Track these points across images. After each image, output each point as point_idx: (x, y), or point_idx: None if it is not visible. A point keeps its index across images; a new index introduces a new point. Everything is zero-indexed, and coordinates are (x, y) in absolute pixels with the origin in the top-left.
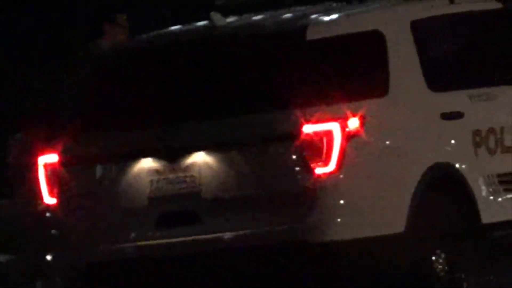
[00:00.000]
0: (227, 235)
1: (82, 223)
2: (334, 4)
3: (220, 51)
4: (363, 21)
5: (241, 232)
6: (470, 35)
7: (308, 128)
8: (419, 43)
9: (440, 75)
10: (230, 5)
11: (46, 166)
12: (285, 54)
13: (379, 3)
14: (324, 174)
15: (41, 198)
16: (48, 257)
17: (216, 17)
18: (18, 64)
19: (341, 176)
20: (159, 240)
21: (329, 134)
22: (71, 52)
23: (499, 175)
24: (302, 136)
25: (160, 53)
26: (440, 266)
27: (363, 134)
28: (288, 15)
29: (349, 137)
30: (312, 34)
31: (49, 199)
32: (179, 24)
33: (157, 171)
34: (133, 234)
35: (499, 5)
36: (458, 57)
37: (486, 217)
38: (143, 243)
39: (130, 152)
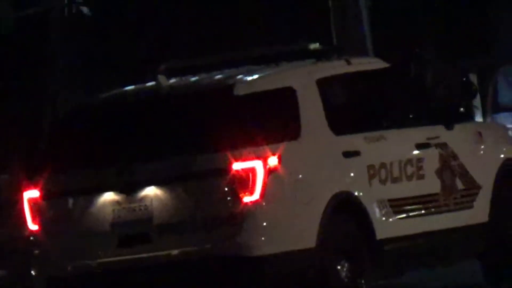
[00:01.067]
0: (174, 251)
1: (58, 244)
2: (255, 67)
3: (165, 105)
4: (279, 79)
5: (184, 249)
6: (364, 89)
7: (236, 165)
8: (324, 96)
9: (341, 121)
10: (172, 69)
11: (29, 199)
12: (217, 106)
13: (292, 64)
14: (250, 201)
15: (25, 224)
16: (32, 271)
17: (162, 79)
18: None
19: (264, 203)
20: (119, 257)
21: (253, 170)
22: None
23: (389, 200)
24: (232, 172)
25: (117, 107)
26: (344, 274)
27: (280, 169)
28: (218, 76)
29: (269, 172)
30: (238, 91)
31: (32, 226)
32: (132, 84)
33: (118, 202)
34: (99, 253)
35: (385, 64)
36: (355, 107)
37: (380, 234)
38: (107, 259)
39: (95, 187)
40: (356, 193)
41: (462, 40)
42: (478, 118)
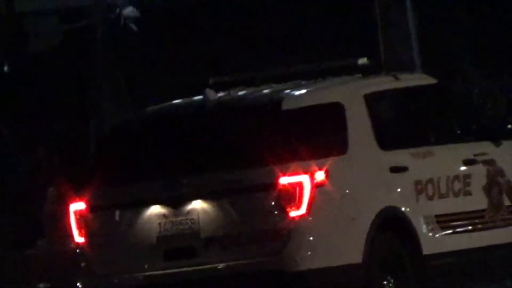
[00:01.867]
0: (220, 265)
1: (104, 257)
2: (303, 82)
3: (213, 120)
4: (327, 94)
5: (231, 263)
6: (411, 105)
7: (284, 180)
8: (371, 112)
9: (388, 137)
10: (220, 83)
11: (75, 212)
12: (265, 121)
13: (339, 79)
14: (297, 216)
15: (72, 237)
16: (78, 285)
17: (210, 92)
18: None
19: (310, 218)
20: (166, 271)
21: (300, 184)
22: None
23: (436, 216)
24: (279, 186)
25: (164, 121)
26: None
27: (327, 184)
28: (267, 90)
29: (316, 186)
30: (286, 105)
31: (78, 238)
32: (181, 98)
33: (164, 215)
34: (145, 265)
35: (433, 81)
36: (402, 122)
37: (426, 249)
38: (153, 273)
39: (142, 200)
40: (403, 209)
41: (506, 58)
42: None
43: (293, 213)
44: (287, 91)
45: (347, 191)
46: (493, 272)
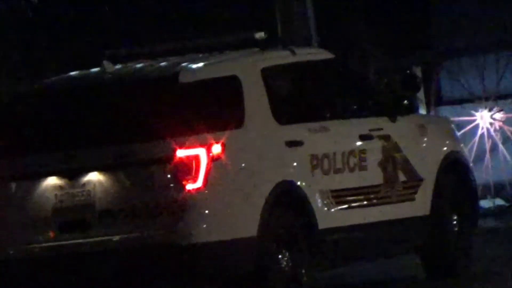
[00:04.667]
0: (115, 238)
1: (4, 231)
2: (200, 55)
3: (110, 92)
4: (223, 68)
5: (125, 236)
6: (308, 80)
7: (180, 153)
8: (268, 86)
9: (285, 111)
10: (117, 55)
11: None
12: (162, 94)
13: (236, 53)
14: (193, 189)
15: None
16: None
17: (107, 65)
18: None
19: (207, 191)
20: (61, 242)
21: (197, 157)
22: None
23: (332, 191)
24: (176, 159)
25: (61, 92)
26: (284, 263)
27: (223, 158)
28: (164, 63)
29: (213, 160)
30: (183, 78)
31: None
32: (77, 69)
33: (60, 187)
34: (40, 237)
35: (330, 55)
36: (299, 97)
37: (321, 224)
38: (48, 244)
39: (38, 172)
40: (298, 183)
41: (403, 37)
42: (422, 111)
43: (189, 186)
44: (184, 64)
45: (243, 164)
46: (388, 247)
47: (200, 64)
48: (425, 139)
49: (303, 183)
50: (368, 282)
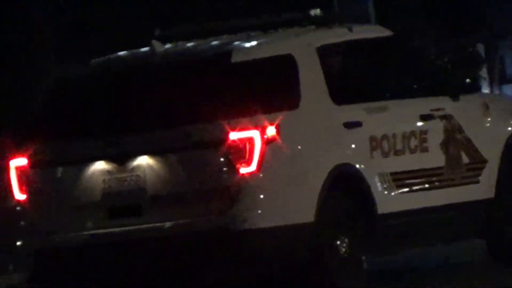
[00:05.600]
0: (167, 224)
1: (47, 215)
2: (253, 33)
3: (159, 72)
4: (278, 46)
5: (178, 222)
6: (366, 58)
7: (233, 135)
8: (324, 65)
9: (342, 91)
10: (167, 35)
11: (16, 168)
12: (214, 74)
13: (291, 31)
14: (247, 173)
15: (12, 195)
16: (19, 243)
17: (156, 44)
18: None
19: (261, 175)
20: (110, 229)
21: (251, 140)
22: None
23: (392, 173)
24: (229, 142)
25: (109, 74)
26: (343, 249)
27: (278, 140)
28: (215, 42)
29: (267, 142)
30: (235, 58)
31: (19, 196)
32: (127, 49)
33: (109, 172)
34: (89, 224)
35: (389, 33)
36: (357, 76)
37: (381, 209)
38: (97, 231)
39: (86, 156)
40: (357, 166)
41: (464, 16)
42: (485, 90)
43: (242, 170)
44: (237, 43)
45: (299, 147)
46: (451, 231)
47: (254, 43)
48: (489, 118)
49: (362, 166)
50: (429, 267)
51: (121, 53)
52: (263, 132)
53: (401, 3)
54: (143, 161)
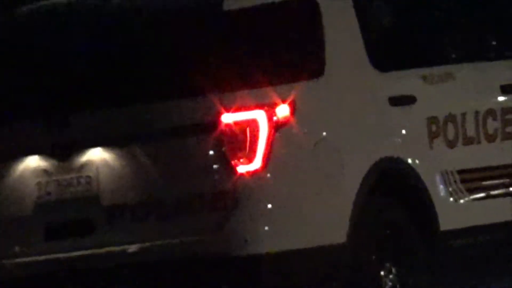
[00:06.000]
0: (131, 248)
1: None
2: None
3: (118, 25)
4: None
5: (146, 244)
6: (421, 6)
7: (227, 118)
8: (362, 14)
9: (388, 52)
10: None
11: None
12: (198, 28)
13: None
14: (248, 172)
15: None
16: None
17: None
18: None
19: (268, 175)
20: (48, 255)
21: (253, 124)
22: None
23: (460, 172)
24: (221, 127)
25: (46, 30)
26: (390, 283)
27: (294, 124)
28: None
29: (277, 128)
30: (230, 4)
31: None
32: None
33: (45, 172)
34: (17, 248)
35: None
36: (409, 31)
37: (445, 224)
38: (29, 259)
39: (12, 149)
40: (409, 161)
41: None
42: None
43: (241, 168)
44: None
45: (323, 134)
46: None
47: None
48: None
49: (417, 161)
50: None
51: None
52: (270, 113)
53: None
54: (95, 155)
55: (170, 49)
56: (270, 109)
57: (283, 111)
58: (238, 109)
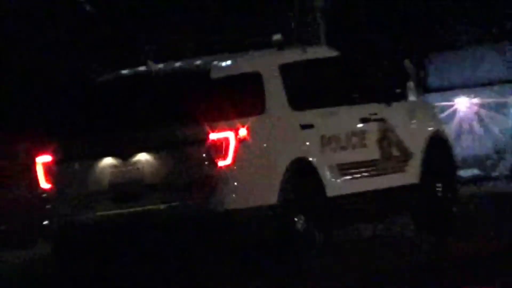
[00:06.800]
0: (161, 206)
1: (66, 200)
2: (228, 54)
3: (155, 86)
4: (247, 65)
5: (169, 205)
6: (318, 73)
7: (213, 136)
8: (284, 79)
9: (299, 99)
10: (159, 56)
11: (43, 163)
12: (198, 87)
13: (258, 53)
14: (224, 166)
15: (38, 185)
16: (45, 223)
17: (151, 63)
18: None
19: (235, 167)
20: (115, 211)
21: (227, 139)
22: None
23: (338, 165)
24: (210, 141)
25: (117, 86)
26: (300, 226)
27: (248, 139)
28: (197, 62)
29: (239, 141)
30: (214, 75)
31: (44, 185)
32: (128, 67)
33: (115, 165)
34: (98, 207)
35: (335, 53)
36: (310, 88)
37: (329, 192)
38: (104, 213)
39: (97, 153)
40: (310, 159)
41: (400, 37)
42: (412, 98)
43: (220, 163)
44: (215, 62)
45: (264, 144)
46: (384, 210)
47: (228, 62)
48: (414, 121)
49: (314, 159)
50: (367, 238)
51: (125, 70)
52: (236, 133)
53: (347, 31)
54: (141, 156)
55: (183, 98)
56: (236, 131)
57: (243, 132)
58: (219, 131)
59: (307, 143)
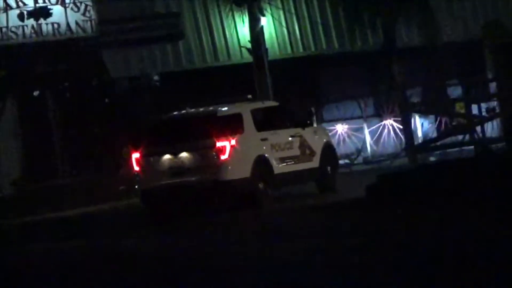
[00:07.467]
0: (192, 179)
1: (146, 176)
2: (225, 104)
3: (190, 119)
4: (235, 109)
5: (197, 178)
6: (268, 114)
7: (219, 144)
8: (253, 117)
9: (260, 126)
10: (191, 107)
11: (135, 158)
12: (211, 121)
13: (240, 103)
14: (224, 158)
15: (133, 169)
16: (136, 186)
17: (188, 109)
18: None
19: (230, 159)
20: (170, 181)
21: (225, 146)
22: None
23: (279, 158)
24: (217, 147)
25: (170, 121)
26: (261, 187)
27: (236, 146)
28: (210, 108)
29: (232, 147)
30: (219, 114)
31: (136, 169)
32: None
33: (170, 160)
34: (162, 179)
35: (276, 103)
36: (265, 120)
37: (275, 171)
38: (165, 182)
39: (162, 152)
40: (266, 155)
41: (307, 94)
42: (315, 124)
43: (222, 157)
44: (219, 108)
45: (244, 148)
46: (303, 179)
47: (226, 108)
48: (316, 136)
49: (267, 155)
50: (293, 194)
51: (175, 112)
52: (230, 142)
53: (286, 89)
54: (184, 154)
55: (203, 126)
56: (230, 141)
57: (233, 142)
58: (222, 141)
59: (264, 147)
